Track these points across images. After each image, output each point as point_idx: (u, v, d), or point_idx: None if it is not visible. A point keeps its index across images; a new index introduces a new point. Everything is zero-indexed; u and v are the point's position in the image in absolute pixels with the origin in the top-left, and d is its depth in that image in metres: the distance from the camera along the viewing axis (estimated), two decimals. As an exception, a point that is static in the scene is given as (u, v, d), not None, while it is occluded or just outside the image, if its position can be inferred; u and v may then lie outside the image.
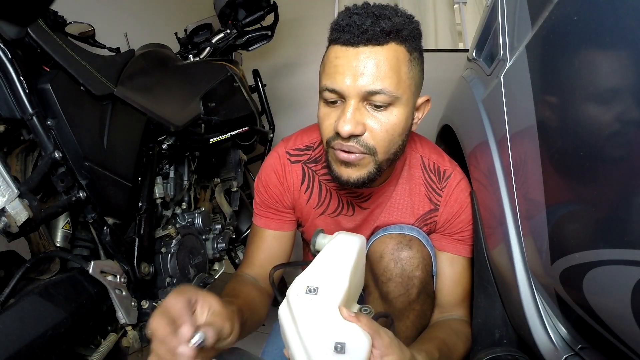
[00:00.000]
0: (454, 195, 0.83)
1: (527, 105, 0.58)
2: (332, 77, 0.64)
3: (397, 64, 0.63)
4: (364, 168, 0.68)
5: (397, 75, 0.63)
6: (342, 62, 0.63)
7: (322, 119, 0.69)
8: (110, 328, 0.92)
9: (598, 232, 0.44)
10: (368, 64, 0.62)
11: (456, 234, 0.85)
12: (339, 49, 0.65)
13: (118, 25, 1.87)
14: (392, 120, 0.65)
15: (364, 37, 0.62)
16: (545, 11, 0.54)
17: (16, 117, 0.74)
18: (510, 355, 0.73)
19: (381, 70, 0.62)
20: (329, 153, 0.71)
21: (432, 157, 0.84)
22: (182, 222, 1.23)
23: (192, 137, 1.27)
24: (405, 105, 0.66)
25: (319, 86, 0.68)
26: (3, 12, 0.70)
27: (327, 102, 0.68)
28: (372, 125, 0.65)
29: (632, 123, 0.37)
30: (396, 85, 0.63)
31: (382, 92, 0.62)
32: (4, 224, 0.64)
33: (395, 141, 0.68)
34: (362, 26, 0.62)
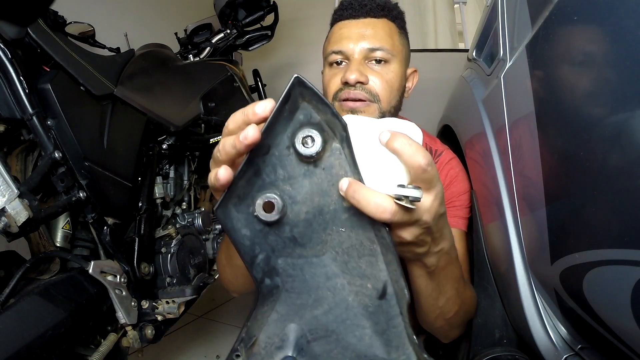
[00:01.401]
0: (445, 170, 0.86)
1: (527, 105, 0.58)
2: (338, 41, 0.77)
3: (390, 33, 0.77)
4: (369, 115, 0.74)
5: (391, 40, 0.76)
6: (346, 30, 0.77)
7: (329, 79, 0.79)
8: (110, 328, 0.92)
9: (598, 232, 0.44)
10: (368, 29, 0.76)
11: (448, 205, 0.84)
12: (343, 23, 0.78)
13: (118, 25, 1.88)
14: (390, 74, 0.76)
15: (364, 11, 0.77)
16: (545, 11, 0.54)
17: (16, 117, 0.74)
18: (510, 355, 0.72)
19: (378, 34, 0.75)
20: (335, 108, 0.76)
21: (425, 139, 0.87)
22: (182, 222, 1.23)
23: (192, 137, 1.27)
24: (400, 65, 0.78)
25: (325, 53, 0.81)
26: (3, 12, 0.70)
27: (332, 65, 0.79)
28: (374, 77, 0.75)
29: (632, 123, 0.37)
30: (391, 46, 0.76)
31: (381, 49, 0.75)
32: (4, 224, 0.64)
33: (394, 94, 0.78)
34: (362, 2, 0.77)
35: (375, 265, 0.39)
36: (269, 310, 0.41)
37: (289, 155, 0.38)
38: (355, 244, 0.39)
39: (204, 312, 1.62)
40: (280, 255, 0.40)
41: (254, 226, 0.39)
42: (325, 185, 0.38)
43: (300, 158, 0.37)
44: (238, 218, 0.39)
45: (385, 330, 0.40)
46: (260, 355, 0.40)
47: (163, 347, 1.37)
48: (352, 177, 0.38)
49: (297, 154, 0.37)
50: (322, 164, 0.38)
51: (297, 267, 0.40)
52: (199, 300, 1.11)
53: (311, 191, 0.38)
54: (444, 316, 0.63)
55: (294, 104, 0.37)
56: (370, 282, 0.40)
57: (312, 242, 0.39)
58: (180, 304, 1.00)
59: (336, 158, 0.38)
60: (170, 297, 1.00)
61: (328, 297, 0.40)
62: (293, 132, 0.37)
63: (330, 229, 0.39)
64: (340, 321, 0.39)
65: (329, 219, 0.39)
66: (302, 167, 0.38)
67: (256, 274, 0.41)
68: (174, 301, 1.00)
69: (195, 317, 1.58)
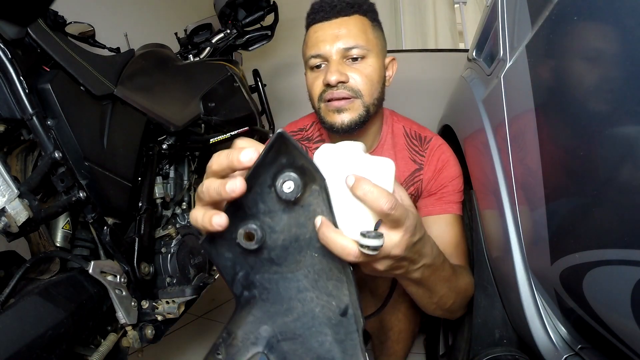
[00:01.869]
0: (436, 155, 0.88)
1: (527, 105, 0.58)
2: (315, 45, 0.79)
3: (363, 28, 0.79)
4: (355, 111, 0.78)
5: (365, 35, 0.79)
6: (321, 33, 0.79)
7: (312, 82, 0.82)
8: (110, 328, 0.92)
9: (598, 232, 0.44)
10: (341, 29, 0.78)
11: (441, 189, 0.86)
12: (317, 26, 0.81)
13: (118, 25, 1.88)
14: (368, 69, 0.79)
15: (335, 11, 0.79)
16: (545, 11, 0.54)
17: (16, 117, 0.74)
18: (510, 355, 0.73)
19: (352, 32, 0.78)
20: (321, 109, 0.81)
21: (413, 127, 0.93)
22: (182, 222, 1.23)
23: (192, 137, 1.27)
24: (376, 58, 0.80)
25: (304, 58, 0.83)
26: (3, 12, 0.70)
27: (313, 69, 0.81)
28: (353, 74, 0.78)
29: (633, 123, 0.37)
30: (366, 42, 0.78)
31: (356, 47, 0.77)
32: (4, 224, 0.64)
33: (375, 87, 0.80)
34: (332, 4, 0.79)
35: (340, 289, 0.44)
36: (246, 314, 0.46)
37: (270, 193, 0.41)
38: (325, 269, 0.44)
39: (204, 312, 1.62)
40: (258, 272, 0.44)
41: (235, 250, 0.43)
42: (303, 220, 0.42)
43: (279, 199, 0.41)
44: (222, 244, 0.43)
45: (344, 341, 0.44)
46: (237, 347, 0.46)
47: (163, 347, 1.37)
48: (327, 217, 0.42)
49: (276, 194, 0.40)
50: (302, 202, 0.41)
51: (272, 282, 0.45)
52: (199, 300, 1.11)
53: (289, 224, 0.42)
54: (441, 308, 0.68)
55: (278, 151, 0.39)
56: (334, 301, 0.44)
57: (288, 261, 0.44)
58: (180, 304, 1.00)
59: (314, 198, 0.42)
60: (170, 297, 1.00)
61: (298, 307, 0.45)
62: (275, 173, 0.40)
63: (304, 252, 0.44)
64: (307, 328, 0.45)
65: (304, 245, 0.43)
66: (282, 204, 0.41)
67: (236, 290, 0.46)
68: (174, 301, 1.00)
69: (195, 317, 1.58)
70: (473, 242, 0.87)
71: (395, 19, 2.74)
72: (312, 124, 0.96)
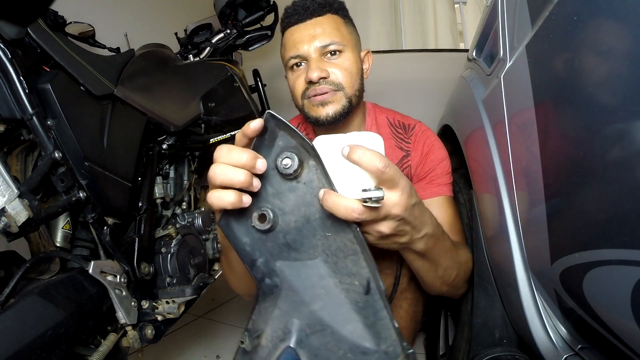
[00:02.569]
0: (421, 139, 0.90)
1: (527, 105, 0.58)
2: (294, 47, 0.83)
3: (336, 26, 0.84)
4: (338, 103, 0.82)
5: (339, 32, 0.83)
6: (298, 34, 0.83)
7: (294, 82, 0.85)
8: (110, 328, 0.92)
9: (598, 232, 0.44)
10: (317, 29, 0.82)
11: (430, 173, 0.88)
12: (293, 28, 0.84)
13: (118, 25, 1.88)
14: (346, 62, 0.83)
15: (308, 13, 0.83)
16: (545, 11, 0.54)
17: (16, 117, 0.74)
18: (510, 355, 0.73)
19: (326, 30, 0.82)
20: (305, 105, 0.84)
21: (396, 117, 0.96)
22: (182, 222, 1.23)
23: (192, 137, 1.27)
24: (352, 53, 0.84)
25: (284, 60, 0.87)
26: (3, 12, 0.70)
27: (293, 68, 0.85)
28: (333, 69, 0.82)
29: (632, 123, 0.37)
30: (341, 38, 0.83)
31: (332, 43, 0.81)
32: (4, 224, 0.64)
33: (355, 79, 0.84)
34: (304, 6, 0.83)
35: (358, 263, 0.46)
36: (271, 306, 0.47)
37: (275, 175, 0.45)
38: (340, 246, 0.46)
39: (204, 312, 1.62)
40: (278, 258, 0.46)
41: (252, 235, 0.46)
42: (309, 197, 0.45)
43: (283, 177, 0.45)
44: (239, 229, 0.46)
45: (374, 323, 0.45)
46: (267, 347, 0.46)
47: (163, 347, 1.37)
48: (327, 187, 0.45)
49: (280, 174, 0.45)
50: (303, 179, 0.45)
51: (293, 269, 0.46)
52: (199, 300, 1.11)
53: (297, 203, 0.45)
54: (446, 282, 0.71)
55: (273, 133, 0.44)
56: (357, 279, 0.46)
57: (304, 246, 0.46)
58: (180, 304, 1.00)
59: (313, 173, 0.45)
60: (170, 297, 1.00)
61: (322, 294, 0.45)
62: (275, 156, 0.45)
63: (318, 234, 0.46)
64: (334, 316, 0.45)
65: (316, 225, 0.46)
66: (287, 184, 0.45)
67: (256, 274, 0.47)
68: (174, 301, 1.00)
69: (195, 317, 1.58)
70: (473, 242, 0.87)
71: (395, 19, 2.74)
72: (297, 125, 0.98)
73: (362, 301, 0.45)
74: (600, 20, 0.42)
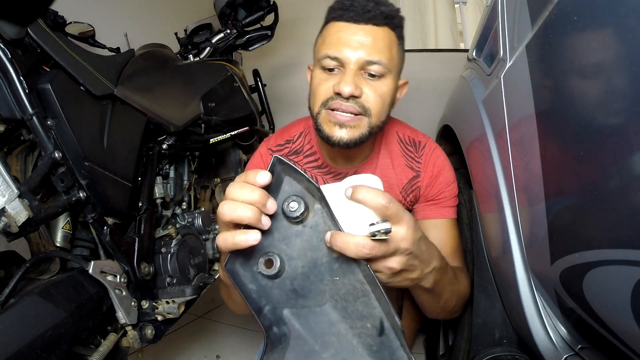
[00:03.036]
0: (431, 160, 0.87)
1: (527, 105, 0.58)
2: (335, 46, 0.72)
3: (390, 44, 0.73)
4: (358, 129, 0.73)
5: (390, 53, 0.73)
6: (345, 35, 0.72)
7: (319, 84, 0.75)
8: (110, 328, 0.92)
9: (598, 232, 0.44)
10: (368, 38, 0.71)
11: (438, 196, 0.87)
12: (342, 25, 0.73)
13: (118, 25, 1.87)
14: (384, 89, 0.73)
15: (366, 17, 0.71)
16: (545, 11, 0.54)
17: (16, 117, 0.74)
18: (510, 355, 0.73)
19: (378, 45, 0.71)
20: (321, 115, 0.75)
21: (406, 132, 0.91)
22: (182, 222, 1.23)
23: (192, 137, 1.27)
24: (393, 79, 0.75)
25: (318, 55, 0.76)
26: (3, 12, 0.70)
27: (325, 70, 0.74)
28: (368, 90, 0.72)
29: (632, 123, 0.37)
30: (389, 60, 0.72)
31: (379, 63, 0.71)
32: (4, 224, 0.64)
33: (385, 108, 0.76)
34: (365, 7, 0.71)
35: (369, 304, 0.45)
36: (280, 357, 0.46)
37: (281, 220, 0.45)
38: (349, 290, 0.45)
39: (204, 312, 1.62)
40: (285, 306, 0.46)
41: (259, 281, 0.45)
42: (315, 241, 0.45)
43: (289, 221, 0.45)
44: (245, 275, 0.46)
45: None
46: None
47: (163, 347, 1.37)
48: (334, 229, 0.45)
49: (286, 218, 0.45)
50: (309, 223, 0.46)
51: (302, 316, 0.45)
52: (199, 300, 1.11)
53: (304, 247, 0.45)
54: (445, 310, 0.71)
55: (279, 178, 0.45)
56: (369, 322, 0.45)
57: (312, 292, 0.45)
58: (180, 304, 1.00)
59: (319, 217, 0.46)
60: (170, 297, 1.00)
61: (333, 342, 0.45)
62: (281, 200, 0.45)
63: (326, 279, 0.45)
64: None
65: (323, 270, 0.45)
66: (293, 228, 0.45)
67: (263, 321, 0.47)
68: (174, 301, 1.00)
69: (195, 317, 1.58)
70: (473, 242, 0.87)
71: (395, 19, 2.73)
72: (299, 134, 0.91)
73: (376, 344, 0.45)
74: (600, 20, 0.42)
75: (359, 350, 0.44)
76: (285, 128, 0.95)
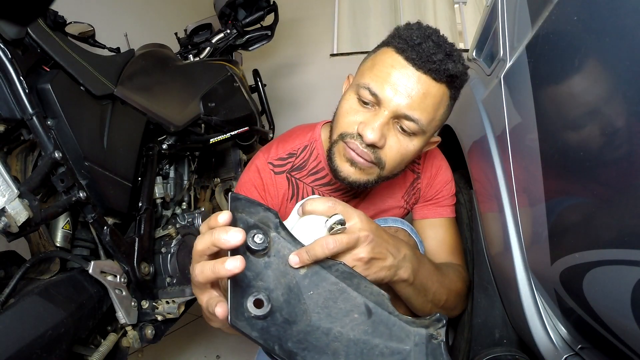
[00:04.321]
0: (429, 160, 0.87)
1: (527, 105, 0.58)
2: (381, 82, 0.65)
3: (439, 104, 0.66)
4: (366, 175, 0.69)
5: (434, 113, 0.66)
6: (397, 75, 0.64)
7: (347, 112, 0.69)
8: (110, 328, 0.92)
9: (598, 232, 0.44)
10: (419, 91, 0.63)
11: (436, 196, 0.87)
12: (399, 61, 0.65)
13: (118, 25, 1.88)
14: (409, 148, 0.68)
15: (428, 67, 0.63)
16: (545, 11, 0.54)
17: (16, 117, 0.74)
18: (510, 355, 0.73)
19: (426, 103, 0.64)
20: (337, 145, 0.70)
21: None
22: (182, 222, 1.23)
23: (192, 137, 1.27)
24: (424, 141, 0.69)
25: (360, 80, 0.68)
26: (3, 12, 0.70)
27: (359, 100, 0.68)
28: (392, 144, 0.67)
29: (632, 123, 0.37)
30: (429, 122, 0.66)
31: (416, 122, 0.65)
32: (4, 224, 0.64)
33: (402, 165, 0.71)
34: (432, 57, 0.63)
35: (349, 297, 0.48)
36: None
37: (249, 257, 0.46)
38: (327, 296, 0.48)
39: (204, 312, 1.62)
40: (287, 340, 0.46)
41: (257, 326, 0.46)
42: (282, 267, 0.47)
43: (257, 255, 0.46)
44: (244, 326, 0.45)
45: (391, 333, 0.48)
46: None
47: (163, 347, 1.37)
48: (295, 249, 0.48)
49: (252, 253, 0.46)
50: (272, 252, 0.47)
51: (302, 342, 0.46)
52: (199, 300, 1.11)
53: (276, 276, 0.47)
54: (437, 305, 0.69)
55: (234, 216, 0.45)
56: (355, 313, 0.48)
57: (298, 315, 0.46)
58: (180, 304, 1.00)
59: (279, 243, 0.48)
60: (170, 297, 1.00)
61: (338, 346, 0.47)
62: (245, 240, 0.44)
63: (302, 298, 0.47)
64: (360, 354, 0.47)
65: (297, 291, 0.47)
66: (260, 262, 0.46)
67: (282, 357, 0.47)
68: (174, 301, 1.00)
69: (195, 317, 1.58)
70: (473, 241, 0.87)
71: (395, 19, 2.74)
72: (304, 148, 0.84)
73: (370, 326, 0.48)
74: (600, 20, 0.42)
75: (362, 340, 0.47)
76: (285, 138, 0.88)
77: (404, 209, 0.89)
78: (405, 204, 0.87)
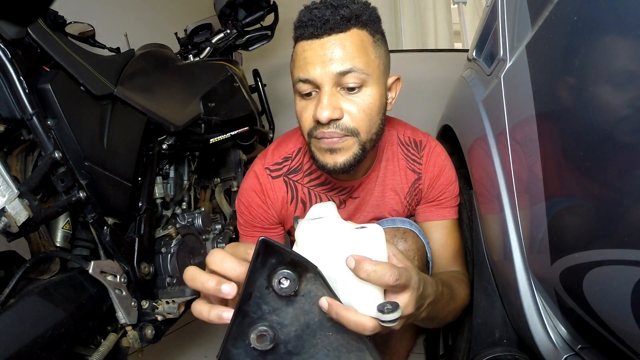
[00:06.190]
0: (432, 160, 0.85)
1: (527, 105, 0.58)
2: (303, 68, 0.67)
3: (362, 45, 0.66)
4: (348, 150, 0.69)
5: (365, 55, 0.66)
6: (310, 53, 0.66)
7: (300, 113, 0.71)
8: (110, 328, 0.92)
9: (598, 232, 0.44)
10: (335, 50, 0.65)
11: (439, 197, 0.86)
12: (305, 43, 0.67)
13: (118, 25, 1.87)
14: (367, 101, 0.67)
15: (327, 27, 0.65)
16: (545, 11, 0.54)
17: (16, 117, 0.74)
18: (510, 355, 0.73)
19: (348, 52, 0.65)
20: (312, 144, 0.72)
21: (406, 132, 0.88)
22: (182, 222, 1.23)
23: (192, 137, 1.27)
24: (377, 84, 0.68)
25: (292, 79, 0.71)
26: (3, 12, 0.69)
27: (303, 96, 0.70)
28: (349, 108, 0.66)
29: (632, 123, 0.37)
30: (365, 64, 0.65)
31: (352, 71, 0.64)
32: (4, 224, 0.64)
33: (374, 120, 0.69)
34: (323, 17, 0.65)
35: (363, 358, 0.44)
36: None
37: (269, 293, 0.42)
38: (343, 343, 0.44)
39: (204, 312, 1.62)
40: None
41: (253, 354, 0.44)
42: (307, 307, 0.43)
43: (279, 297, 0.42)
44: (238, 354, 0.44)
45: None
46: None
47: (163, 347, 1.37)
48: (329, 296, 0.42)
49: (275, 294, 0.42)
50: (302, 292, 0.42)
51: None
52: (199, 300, 1.11)
53: (296, 314, 0.43)
54: (441, 324, 0.70)
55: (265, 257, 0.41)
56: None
57: (305, 348, 0.44)
58: (180, 304, 1.00)
59: (312, 284, 0.42)
60: (170, 297, 1.00)
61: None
62: (269, 274, 0.41)
63: (319, 334, 0.44)
64: None
65: (315, 328, 0.44)
66: (284, 300, 0.42)
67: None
68: (174, 301, 1.00)
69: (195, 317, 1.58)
70: (473, 242, 0.87)
71: (395, 19, 2.74)
72: (297, 151, 0.87)
73: None
74: (600, 20, 0.42)
75: None
76: (280, 142, 0.90)
77: (406, 211, 0.88)
78: (408, 205, 0.87)
